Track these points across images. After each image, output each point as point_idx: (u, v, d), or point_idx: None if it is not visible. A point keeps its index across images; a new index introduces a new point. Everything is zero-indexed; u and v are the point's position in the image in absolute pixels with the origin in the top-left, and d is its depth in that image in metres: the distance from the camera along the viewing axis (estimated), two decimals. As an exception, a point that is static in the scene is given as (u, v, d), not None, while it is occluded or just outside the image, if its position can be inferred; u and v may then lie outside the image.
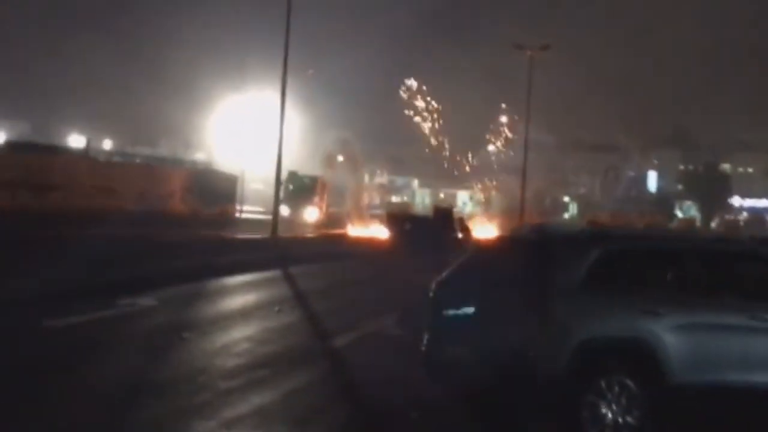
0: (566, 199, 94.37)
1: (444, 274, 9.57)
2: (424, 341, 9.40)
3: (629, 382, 8.19)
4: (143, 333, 12.43)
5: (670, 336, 8.27)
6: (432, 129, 71.23)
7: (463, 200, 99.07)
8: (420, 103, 70.50)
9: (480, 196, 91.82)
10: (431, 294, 9.53)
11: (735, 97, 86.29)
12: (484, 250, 9.93)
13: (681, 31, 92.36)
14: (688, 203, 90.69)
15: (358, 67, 63.32)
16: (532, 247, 9.23)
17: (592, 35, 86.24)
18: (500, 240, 11.20)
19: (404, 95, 69.64)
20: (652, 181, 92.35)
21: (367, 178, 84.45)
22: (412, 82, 70.31)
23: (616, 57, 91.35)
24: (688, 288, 8.70)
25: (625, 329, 8.36)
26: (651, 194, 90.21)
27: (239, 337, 12.70)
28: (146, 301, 15.45)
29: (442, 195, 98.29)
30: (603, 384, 8.19)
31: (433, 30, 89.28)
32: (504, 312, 8.61)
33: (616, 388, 8.18)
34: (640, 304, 8.40)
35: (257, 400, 9.14)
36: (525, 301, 8.53)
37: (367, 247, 36.90)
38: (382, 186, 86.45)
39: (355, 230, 50.04)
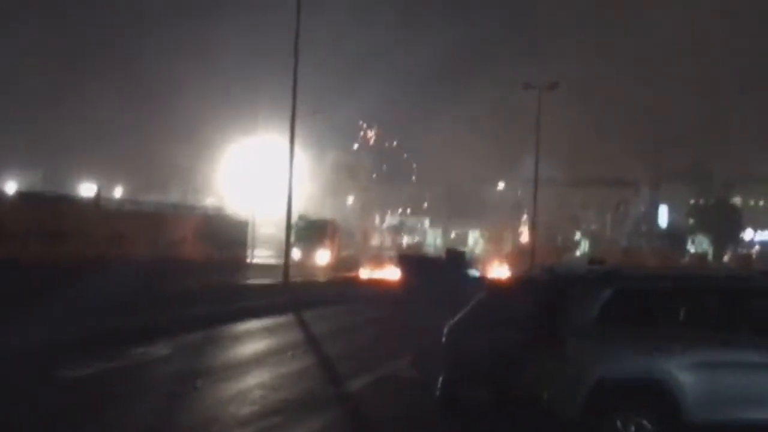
0: (577, 235, 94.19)
1: (457, 317, 9.56)
2: (439, 384, 9.36)
3: (645, 422, 8.14)
4: (156, 382, 12.41)
5: (685, 374, 8.23)
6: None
7: (474, 238, 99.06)
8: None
9: (489, 234, 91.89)
10: (445, 336, 9.51)
11: (745, 130, 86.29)
12: (497, 291, 9.89)
13: (688, 64, 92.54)
14: (700, 237, 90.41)
15: (365, 109, 63.47)
16: (545, 288, 9.22)
17: (598, 71, 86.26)
18: (513, 281, 11.20)
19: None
20: (664, 215, 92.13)
21: (377, 219, 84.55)
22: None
23: (624, 92, 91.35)
24: (702, 325, 8.67)
25: (640, 368, 8.31)
26: (662, 229, 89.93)
27: (252, 383, 12.66)
28: (159, 349, 15.46)
29: (453, 234, 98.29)
30: (619, 424, 8.15)
31: (438, 70, 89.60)
32: (518, 353, 8.58)
33: (633, 428, 8.13)
34: (654, 343, 8.36)
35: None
36: (539, 342, 8.50)
37: (380, 289, 36.85)
38: (393, 227, 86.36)
39: (367, 272, 50.01)
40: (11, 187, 49.23)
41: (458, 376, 9.18)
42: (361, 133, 69.03)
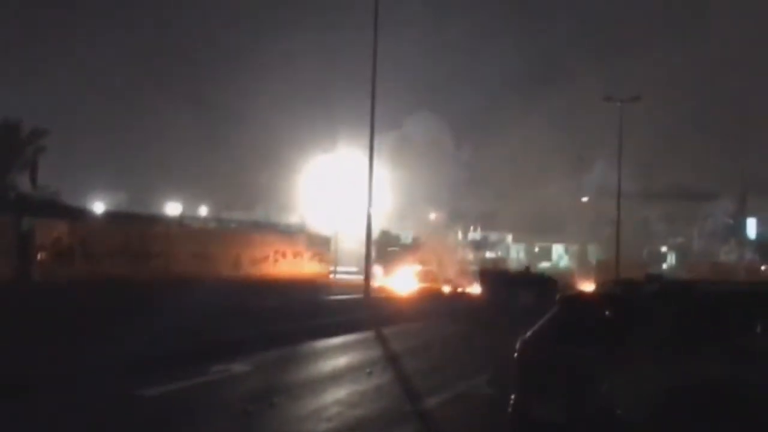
0: (664, 249, 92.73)
1: (530, 331, 9.48)
2: (511, 400, 9.29)
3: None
4: (233, 399, 12.51)
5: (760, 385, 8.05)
6: None
7: (559, 253, 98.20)
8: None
9: (575, 248, 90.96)
10: (517, 351, 9.44)
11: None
12: (571, 305, 9.79)
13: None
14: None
15: (444, 124, 63.47)
16: (617, 303, 9.13)
17: (680, 80, 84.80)
18: (586, 295, 11.09)
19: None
20: (752, 227, 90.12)
21: (460, 234, 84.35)
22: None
23: (706, 101, 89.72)
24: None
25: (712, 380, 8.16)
26: (752, 241, 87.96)
27: (330, 400, 12.72)
28: (239, 366, 15.62)
29: (536, 249, 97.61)
30: None
31: (518, 82, 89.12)
32: (591, 369, 8.50)
33: None
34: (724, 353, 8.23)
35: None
36: (611, 357, 8.41)
37: (461, 305, 36.76)
38: (475, 242, 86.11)
39: (448, 288, 49.96)
40: (98, 208, 50.40)
41: (530, 392, 9.09)
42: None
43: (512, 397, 9.32)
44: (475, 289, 43.00)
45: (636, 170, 59.53)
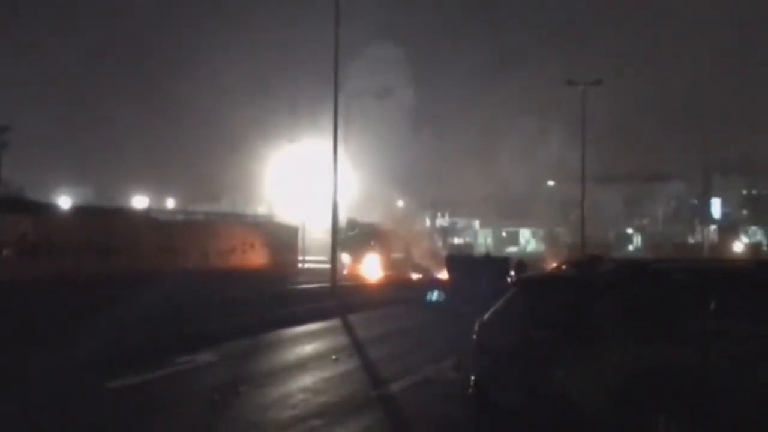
0: (629, 230, 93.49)
1: (486, 315, 9.63)
2: (471, 384, 9.45)
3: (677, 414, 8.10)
4: (201, 390, 12.62)
5: (716, 365, 8.15)
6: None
7: (526, 238, 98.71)
8: None
9: (542, 232, 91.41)
10: (475, 334, 9.59)
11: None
12: (526, 289, 9.94)
13: (735, 52, 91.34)
14: (753, 228, 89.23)
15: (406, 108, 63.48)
16: (572, 285, 9.29)
17: (641, 64, 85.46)
18: (541, 278, 11.23)
19: None
20: (716, 208, 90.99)
21: (428, 221, 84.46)
22: None
23: (667, 84, 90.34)
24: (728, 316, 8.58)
25: (668, 361, 8.28)
26: (716, 221, 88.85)
27: (295, 388, 12.85)
28: (205, 357, 15.75)
29: (504, 234, 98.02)
30: (652, 418, 8.13)
31: (480, 67, 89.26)
32: (547, 351, 8.66)
33: (665, 420, 8.11)
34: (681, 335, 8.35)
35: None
36: (566, 341, 8.57)
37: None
38: (443, 228, 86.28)
39: (416, 275, 50.10)
40: (64, 203, 50.07)
41: (488, 375, 9.24)
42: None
43: (472, 379, 9.48)
44: (443, 275, 43.21)
45: (599, 153, 59.84)
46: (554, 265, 12.72)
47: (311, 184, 58.26)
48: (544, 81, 69.66)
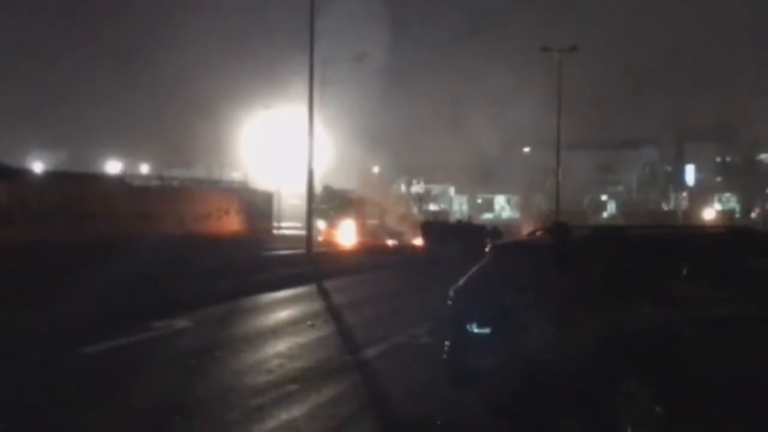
0: (604, 197, 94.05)
1: (461, 281, 9.71)
2: (445, 349, 9.54)
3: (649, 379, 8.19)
4: (177, 354, 12.67)
5: (689, 329, 8.25)
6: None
7: (501, 204, 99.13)
8: None
9: (517, 200, 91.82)
10: (450, 300, 9.67)
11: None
12: (501, 255, 10.03)
13: (710, 17, 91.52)
14: (727, 195, 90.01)
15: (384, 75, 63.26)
16: (546, 250, 9.38)
17: (615, 31, 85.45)
18: (516, 244, 11.32)
19: None
20: (690, 174, 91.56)
21: (403, 187, 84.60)
22: None
23: (642, 51, 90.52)
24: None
25: (641, 326, 8.38)
26: (689, 188, 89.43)
27: (270, 353, 12.93)
28: (181, 322, 15.79)
29: (479, 200, 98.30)
30: (624, 383, 8.23)
31: (456, 34, 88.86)
32: (519, 316, 8.76)
33: (637, 385, 8.20)
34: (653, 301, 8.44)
35: (285, 415, 9.34)
36: (539, 305, 8.68)
37: (404, 257, 37.16)
38: (418, 195, 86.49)
39: (392, 241, 50.33)
40: (37, 168, 49.76)
41: (462, 339, 9.33)
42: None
43: (446, 345, 9.58)
44: (418, 241, 43.49)
45: (573, 120, 59.97)
46: (529, 231, 12.78)
47: (286, 150, 58.21)
48: (518, 46, 69.74)
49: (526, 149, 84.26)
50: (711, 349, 8.14)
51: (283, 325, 16.24)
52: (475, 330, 9.16)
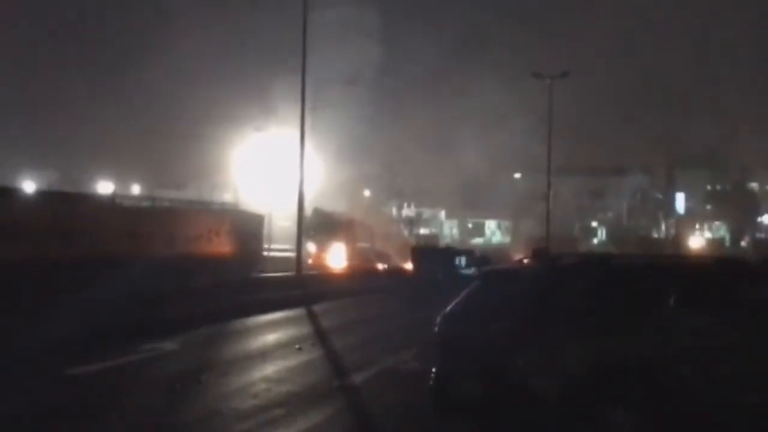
0: (594, 224, 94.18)
1: (448, 308, 9.71)
2: (432, 375, 9.52)
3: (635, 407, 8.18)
4: (162, 378, 12.59)
5: (675, 358, 8.25)
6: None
7: (491, 229, 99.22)
8: None
9: (508, 224, 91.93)
10: (437, 326, 9.67)
11: (763, 114, 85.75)
12: (489, 281, 10.04)
13: (702, 49, 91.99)
14: (717, 224, 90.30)
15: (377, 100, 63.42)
16: (534, 277, 9.38)
17: (607, 58, 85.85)
18: (504, 270, 11.32)
19: None
20: (681, 202, 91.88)
21: (394, 211, 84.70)
22: None
23: (633, 78, 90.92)
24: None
25: (627, 355, 8.38)
26: (680, 216, 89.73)
27: (257, 377, 12.86)
28: (168, 345, 15.70)
29: (470, 225, 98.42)
30: (610, 410, 8.22)
31: (447, 57, 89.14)
32: (506, 344, 8.75)
33: (623, 414, 8.19)
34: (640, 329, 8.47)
35: (270, 440, 9.31)
36: (526, 333, 8.67)
37: (394, 281, 37.12)
38: (408, 218, 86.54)
39: (382, 265, 50.25)
40: (28, 187, 49.59)
41: (448, 366, 9.31)
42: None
43: (433, 371, 9.56)
44: (408, 265, 43.47)
45: (563, 145, 60.19)
46: (517, 258, 12.80)
47: (277, 172, 58.18)
48: (508, 70, 69.90)
49: (517, 175, 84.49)
50: (696, 379, 8.14)
51: (271, 348, 16.17)
52: (462, 356, 9.14)
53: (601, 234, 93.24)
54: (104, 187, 63.30)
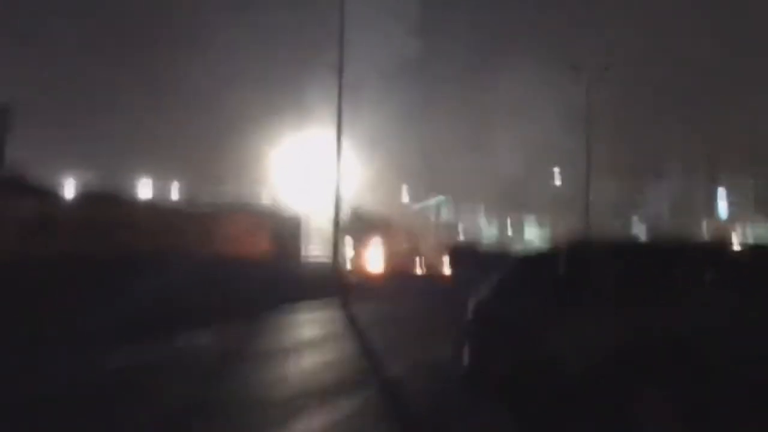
0: (635, 219, 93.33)
1: (483, 290, 9.75)
2: (465, 359, 9.55)
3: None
4: (200, 368, 12.73)
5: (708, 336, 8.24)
6: None
7: (530, 228, 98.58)
8: None
9: (548, 223, 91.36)
10: (470, 312, 9.73)
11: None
12: (522, 265, 10.11)
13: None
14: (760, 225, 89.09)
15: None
16: (564, 260, 9.42)
17: (647, 50, 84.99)
18: (536, 255, 11.39)
19: None
20: (722, 202, 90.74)
21: (433, 212, 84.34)
22: None
23: (676, 70, 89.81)
24: None
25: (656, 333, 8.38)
26: (721, 217, 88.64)
27: (294, 369, 12.95)
28: (207, 337, 15.93)
29: (509, 222, 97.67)
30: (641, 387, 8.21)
31: (483, 50, 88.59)
32: (536, 323, 8.78)
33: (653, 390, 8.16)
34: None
35: (302, 426, 9.38)
36: (560, 308, 8.70)
37: (431, 283, 37.12)
38: (448, 221, 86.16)
39: (421, 267, 50.20)
40: (68, 186, 50.11)
41: (480, 346, 9.37)
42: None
43: (465, 351, 9.59)
44: (447, 268, 43.39)
45: (603, 142, 59.79)
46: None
47: (315, 172, 58.26)
48: (544, 63, 69.21)
49: (556, 169, 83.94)
50: (728, 357, 8.08)
51: (307, 343, 16.28)
52: (492, 337, 9.18)
53: (641, 232, 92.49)
54: (144, 184, 63.82)
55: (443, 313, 22.81)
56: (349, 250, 49.57)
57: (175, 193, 68.61)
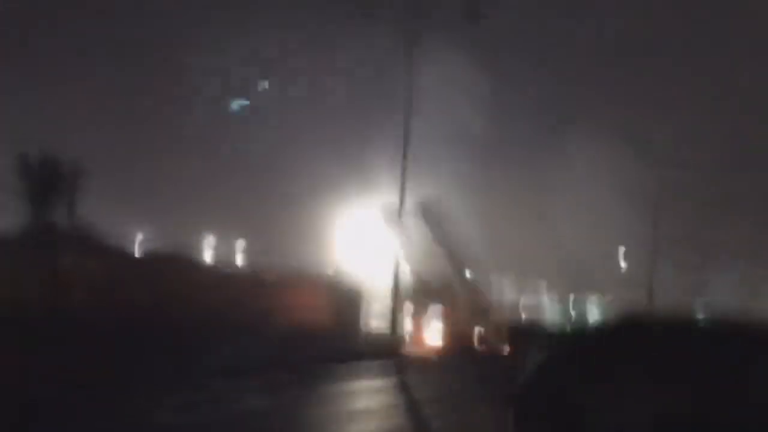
0: (701, 300, 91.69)
1: (529, 367, 9.84)
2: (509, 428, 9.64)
3: None
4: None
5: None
6: None
7: (594, 306, 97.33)
8: None
9: (611, 302, 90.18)
10: (513, 397, 9.84)
11: None
12: (565, 344, 10.24)
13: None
14: None
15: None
16: (604, 340, 9.56)
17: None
18: (577, 334, 11.53)
19: None
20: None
21: (496, 290, 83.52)
22: None
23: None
24: None
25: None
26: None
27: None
28: (261, 404, 16.18)
29: (572, 301, 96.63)
30: None
31: (549, 124, 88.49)
32: (579, 401, 8.82)
33: None
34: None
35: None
36: (597, 391, 8.72)
37: (490, 362, 36.85)
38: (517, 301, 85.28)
39: (480, 345, 49.50)
40: (133, 244, 50.73)
41: (524, 422, 9.44)
42: None
43: (509, 418, 9.66)
44: (506, 347, 42.80)
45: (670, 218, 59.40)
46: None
47: (376, 244, 58.34)
48: (611, 139, 69.07)
49: (621, 248, 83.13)
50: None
51: (360, 412, 16.40)
52: (536, 412, 9.29)
53: (704, 314, 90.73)
54: (209, 242, 64.38)
55: (497, 393, 22.77)
56: (407, 322, 49.27)
57: (239, 254, 69.20)
